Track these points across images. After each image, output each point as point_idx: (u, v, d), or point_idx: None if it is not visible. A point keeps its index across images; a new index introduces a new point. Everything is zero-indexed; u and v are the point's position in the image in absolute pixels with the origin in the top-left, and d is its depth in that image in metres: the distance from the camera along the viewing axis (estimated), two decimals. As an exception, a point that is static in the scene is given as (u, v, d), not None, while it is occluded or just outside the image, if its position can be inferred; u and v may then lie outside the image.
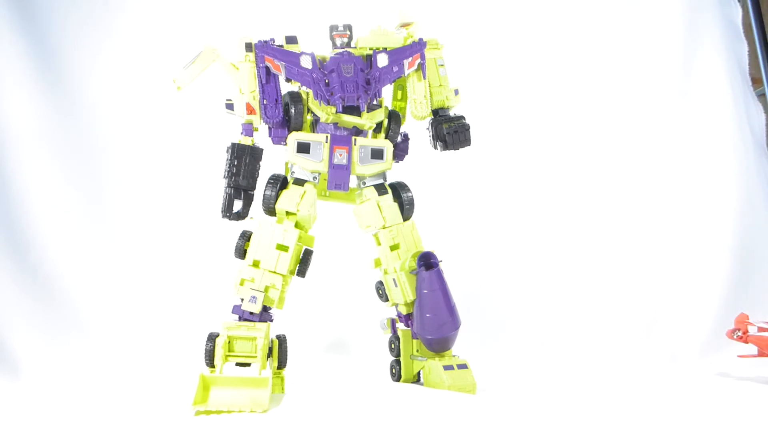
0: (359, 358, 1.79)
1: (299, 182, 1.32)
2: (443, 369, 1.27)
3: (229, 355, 1.20)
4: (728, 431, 1.00)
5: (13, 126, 1.87)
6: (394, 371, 1.42)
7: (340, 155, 1.34)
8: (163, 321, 1.83)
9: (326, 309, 1.92)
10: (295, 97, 1.36)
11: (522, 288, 2.01)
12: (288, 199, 1.30)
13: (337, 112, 1.34)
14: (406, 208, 1.38)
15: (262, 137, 1.36)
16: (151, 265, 1.93)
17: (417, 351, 1.37)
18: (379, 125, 1.42)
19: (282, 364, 1.28)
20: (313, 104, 1.36)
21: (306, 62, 1.34)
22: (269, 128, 1.36)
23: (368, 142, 1.37)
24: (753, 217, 2.03)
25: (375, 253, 1.43)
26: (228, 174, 1.30)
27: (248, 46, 1.35)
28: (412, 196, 1.38)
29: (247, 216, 1.33)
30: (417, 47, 1.42)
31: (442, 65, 1.45)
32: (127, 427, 1.05)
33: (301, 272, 1.31)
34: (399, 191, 1.38)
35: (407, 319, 1.39)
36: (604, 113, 2.17)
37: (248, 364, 1.22)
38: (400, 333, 1.42)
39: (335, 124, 1.37)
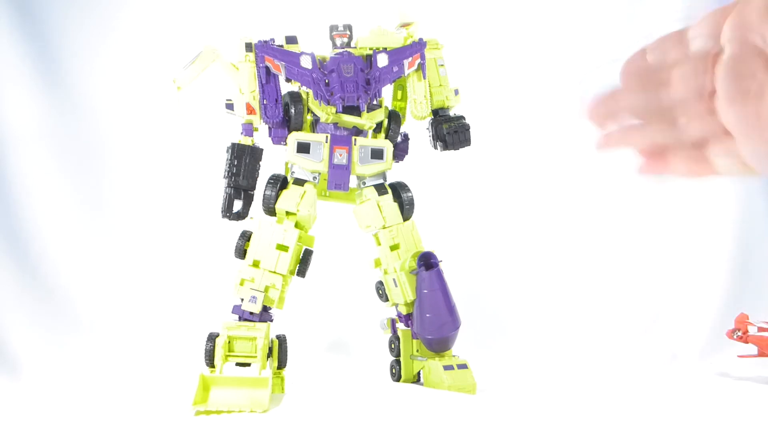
0: (359, 358, 1.79)
1: (299, 182, 1.32)
2: (443, 369, 1.27)
3: (229, 355, 1.20)
4: (728, 431, 1.00)
5: (13, 126, 1.87)
6: (394, 371, 1.42)
7: (340, 155, 1.34)
8: (163, 321, 1.83)
9: (326, 309, 1.92)
10: (295, 97, 1.36)
11: (522, 288, 2.01)
12: (288, 199, 1.30)
13: (337, 112, 1.34)
14: (406, 208, 1.38)
15: (262, 137, 1.36)
16: (150, 264, 1.93)
17: (417, 351, 1.37)
18: (379, 125, 1.42)
19: (282, 364, 1.28)
20: (313, 104, 1.36)
21: (306, 62, 1.34)
22: (269, 128, 1.36)
23: (368, 142, 1.37)
24: (753, 217, 2.03)
25: (375, 253, 1.43)
26: (228, 174, 1.30)
27: (248, 46, 1.35)
28: (412, 196, 1.38)
29: (247, 216, 1.32)
30: (417, 47, 1.42)
31: (442, 65, 1.45)
32: (127, 427, 1.05)
33: (301, 272, 1.31)
34: (399, 191, 1.38)
35: (407, 319, 1.39)
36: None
37: (248, 364, 1.22)
38: (400, 333, 1.41)
39: (335, 124, 1.37)
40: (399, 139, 1.46)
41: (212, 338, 1.22)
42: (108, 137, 1.99)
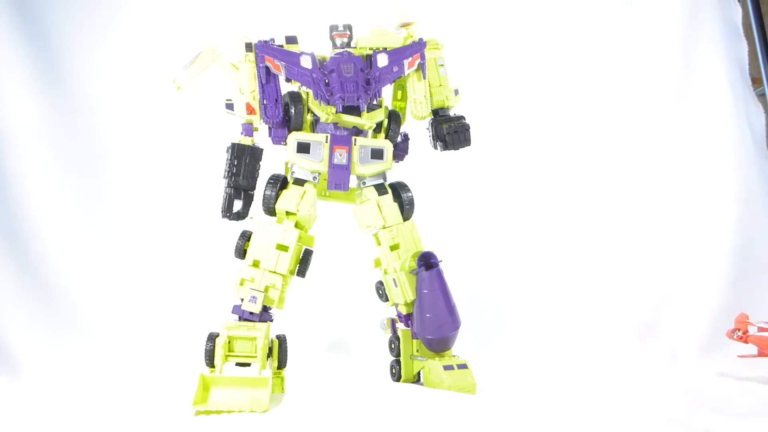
0: (359, 358, 1.79)
1: (299, 182, 1.33)
2: (443, 369, 1.27)
3: (229, 355, 1.20)
4: (728, 431, 1.00)
5: (13, 126, 1.87)
6: (394, 371, 1.42)
7: (340, 155, 1.34)
8: (163, 321, 1.83)
9: (326, 309, 1.92)
10: (295, 97, 1.36)
11: (522, 288, 2.01)
12: (288, 199, 1.30)
13: (337, 112, 1.34)
14: (406, 208, 1.38)
15: (262, 137, 1.36)
16: (151, 265, 1.92)
17: (417, 351, 1.37)
18: (379, 125, 1.42)
19: (282, 364, 1.28)
20: (313, 104, 1.36)
21: (306, 62, 1.35)
22: (269, 128, 1.36)
23: (368, 142, 1.37)
24: (753, 217, 2.03)
25: (375, 253, 1.43)
26: (228, 174, 1.30)
27: (248, 46, 1.35)
28: (412, 196, 1.38)
29: (247, 216, 1.33)
30: (417, 47, 1.42)
31: (442, 65, 1.45)
32: (127, 427, 1.05)
33: (301, 272, 1.31)
34: (399, 191, 1.38)
35: (407, 319, 1.39)
36: (604, 114, 2.17)
37: (248, 364, 1.22)
38: (400, 333, 1.42)
39: (335, 124, 1.37)
40: (399, 139, 1.46)
41: (212, 338, 1.22)
42: (108, 137, 1.99)
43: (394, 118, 1.43)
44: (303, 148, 1.33)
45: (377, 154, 1.37)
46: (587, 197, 2.11)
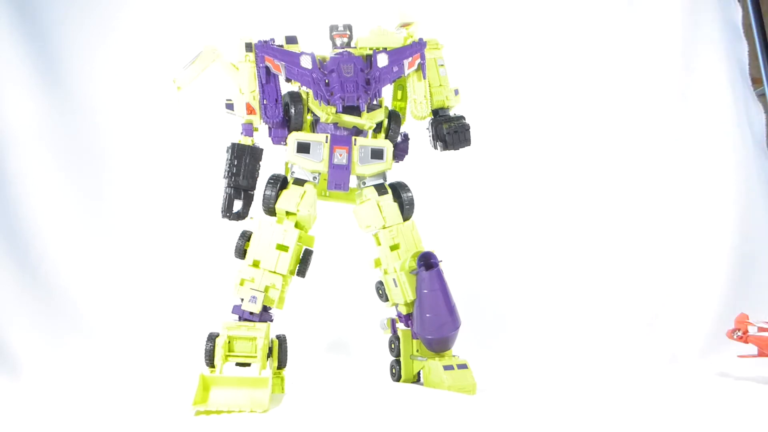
0: (359, 358, 1.79)
1: (299, 182, 1.33)
2: (443, 369, 1.27)
3: (229, 355, 1.20)
4: (728, 431, 1.00)
5: (13, 126, 1.87)
6: (394, 371, 1.42)
7: (340, 155, 1.34)
8: (163, 321, 1.83)
9: (326, 309, 1.92)
10: (295, 97, 1.36)
11: (522, 288, 2.01)
12: (288, 199, 1.30)
13: (337, 112, 1.34)
14: (406, 208, 1.38)
15: (262, 137, 1.36)
16: (151, 265, 1.92)
17: (417, 351, 1.37)
18: (379, 125, 1.42)
19: (282, 364, 1.28)
20: (313, 104, 1.36)
21: (306, 62, 1.35)
22: (269, 128, 1.36)
23: (368, 142, 1.37)
24: (753, 217, 2.03)
25: (375, 253, 1.43)
26: (228, 174, 1.30)
27: (248, 46, 1.35)
28: (412, 196, 1.38)
29: (247, 216, 1.33)
30: (417, 47, 1.42)
31: (442, 65, 1.45)
32: (127, 427, 1.05)
33: (301, 272, 1.31)
34: (399, 191, 1.38)
35: (407, 319, 1.39)
36: (605, 114, 2.17)
37: (248, 364, 1.22)
38: (400, 333, 1.42)
39: (335, 124, 1.37)
40: (399, 139, 1.46)
41: (212, 338, 1.22)
42: (108, 137, 1.99)
43: (394, 118, 1.43)
44: (303, 148, 1.33)
45: (377, 154, 1.37)
46: (587, 197, 2.11)
